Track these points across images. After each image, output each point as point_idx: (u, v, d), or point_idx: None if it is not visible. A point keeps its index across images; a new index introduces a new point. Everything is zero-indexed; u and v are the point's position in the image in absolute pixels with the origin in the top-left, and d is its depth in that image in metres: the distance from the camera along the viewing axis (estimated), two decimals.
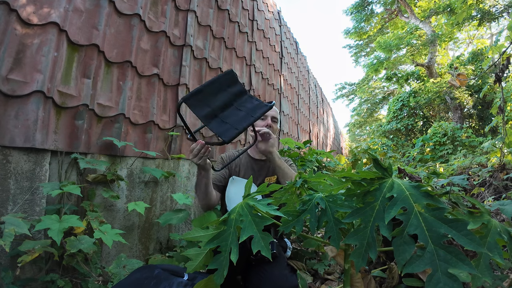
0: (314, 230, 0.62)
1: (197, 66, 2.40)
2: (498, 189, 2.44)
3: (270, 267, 1.11)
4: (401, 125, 11.44)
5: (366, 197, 0.61)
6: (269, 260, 1.10)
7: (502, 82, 2.46)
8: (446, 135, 8.11)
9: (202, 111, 0.92)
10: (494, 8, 9.48)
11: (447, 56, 14.83)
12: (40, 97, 1.19)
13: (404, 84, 13.72)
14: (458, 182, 1.54)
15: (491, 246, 0.57)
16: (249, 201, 0.69)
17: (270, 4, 4.50)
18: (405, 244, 0.49)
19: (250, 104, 1.03)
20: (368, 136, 20.97)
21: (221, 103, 0.97)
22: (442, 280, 0.44)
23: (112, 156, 1.58)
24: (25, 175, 1.16)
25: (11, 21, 1.17)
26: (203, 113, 0.92)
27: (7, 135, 1.11)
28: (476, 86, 9.60)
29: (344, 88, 19.37)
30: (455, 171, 3.77)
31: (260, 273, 1.09)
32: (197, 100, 0.92)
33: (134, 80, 1.74)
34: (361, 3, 13.51)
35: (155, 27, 1.94)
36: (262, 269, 1.10)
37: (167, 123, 2.00)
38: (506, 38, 2.48)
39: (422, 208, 0.52)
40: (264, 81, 3.95)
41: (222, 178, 1.43)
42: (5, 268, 1.03)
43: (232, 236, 0.64)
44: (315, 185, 0.80)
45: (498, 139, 2.75)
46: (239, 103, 1.01)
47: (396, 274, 1.26)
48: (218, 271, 0.63)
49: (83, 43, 1.44)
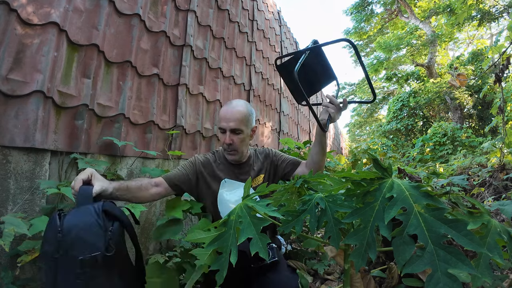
0: (314, 230, 0.62)
1: (197, 66, 2.40)
2: (498, 189, 2.44)
3: (271, 273, 1.09)
4: (401, 125, 11.44)
5: (366, 197, 0.61)
6: (270, 266, 1.10)
7: (502, 82, 2.46)
8: (446, 135, 8.11)
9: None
10: (494, 8, 9.48)
11: (447, 56, 14.84)
12: (40, 97, 1.19)
13: (404, 84, 13.73)
14: (458, 182, 1.54)
15: (491, 246, 0.57)
16: (248, 202, 0.69)
17: (270, 4, 4.50)
18: (404, 244, 0.49)
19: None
20: (368, 136, 20.98)
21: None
22: (442, 280, 0.44)
23: (112, 156, 1.58)
24: (25, 175, 1.16)
25: (11, 21, 1.16)
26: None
27: (7, 135, 1.11)
28: (476, 86, 9.60)
29: (344, 88, 19.40)
30: (455, 171, 3.77)
31: (262, 280, 1.08)
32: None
33: (134, 80, 1.74)
34: (361, 3, 13.51)
35: (155, 27, 1.94)
36: (264, 276, 1.09)
37: (167, 123, 2.00)
38: (506, 38, 2.48)
39: (422, 208, 0.51)
40: (264, 81, 3.95)
41: (186, 181, 1.26)
42: (5, 268, 1.03)
43: (232, 238, 0.64)
44: (315, 185, 0.80)
45: (498, 139, 2.75)
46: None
47: (396, 274, 1.26)
48: (219, 272, 0.63)
49: (83, 43, 1.44)
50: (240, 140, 1.26)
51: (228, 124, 1.24)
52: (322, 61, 1.25)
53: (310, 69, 1.19)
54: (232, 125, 1.24)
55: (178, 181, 1.24)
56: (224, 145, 1.27)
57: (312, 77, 1.24)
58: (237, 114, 1.24)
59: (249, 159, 1.37)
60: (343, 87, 19.33)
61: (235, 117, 1.24)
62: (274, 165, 1.39)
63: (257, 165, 1.38)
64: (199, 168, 1.31)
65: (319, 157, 1.26)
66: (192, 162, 1.32)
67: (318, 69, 1.26)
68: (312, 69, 1.21)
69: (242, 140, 1.27)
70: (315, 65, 1.21)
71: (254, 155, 1.41)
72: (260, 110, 3.77)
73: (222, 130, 1.26)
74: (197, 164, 1.32)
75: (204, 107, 2.46)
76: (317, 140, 1.26)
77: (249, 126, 1.30)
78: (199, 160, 1.33)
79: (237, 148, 1.27)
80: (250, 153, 1.38)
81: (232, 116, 1.24)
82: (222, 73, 2.78)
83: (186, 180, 1.26)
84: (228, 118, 1.24)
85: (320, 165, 1.27)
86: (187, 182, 1.26)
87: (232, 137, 1.25)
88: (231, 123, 1.23)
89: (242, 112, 1.26)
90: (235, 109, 1.26)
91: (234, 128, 1.24)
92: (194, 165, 1.31)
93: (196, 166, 1.31)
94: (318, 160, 1.26)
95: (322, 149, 1.26)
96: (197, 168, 1.31)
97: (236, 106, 1.27)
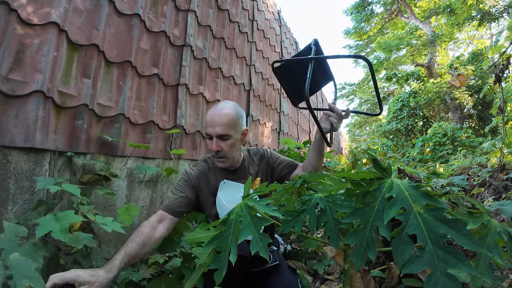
0: (314, 230, 0.62)
1: (197, 66, 2.40)
2: (498, 189, 2.44)
3: (273, 275, 1.08)
4: (401, 125, 11.44)
5: (365, 197, 0.61)
6: (271, 269, 1.09)
7: (502, 82, 2.46)
8: (446, 135, 8.12)
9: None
10: (494, 8, 9.49)
11: (447, 56, 14.84)
12: (40, 97, 1.19)
13: (404, 84, 13.73)
14: (458, 183, 1.54)
15: (490, 247, 0.57)
16: (248, 201, 0.69)
17: (270, 4, 4.50)
18: (404, 244, 0.49)
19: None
20: (368, 136, 20.99)
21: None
22: (441, 280, 0.44)
23: (112, 156, 1.58)
24: (25, 175, 1.16)
25: (11, 21, 1.16)
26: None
27: (7, 135, 1.11)
28: (476, 86, 9.60)
29: (344, 88, 19.41)
30: (455, 171, 3.77)
31: (263, 282, 1.08)
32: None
33: (134, 80, 1.75)
34: (361, 3, 13.52)
35: (155, 27, 1.94)
36: (265, 278, 1.08)
37: (167, 123, 2.00)
38: (506, 38, 2.48)
39: (422, 208, 0.52)
40: (264, 81, 3.95)
41: (187, 202, 1.19)
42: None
43: (232, 237, 0.64)
44: (314, 185, 0.80)
45: (498, 140, 2.75)
46: None
47: (396, 274, 1.26)
48: (218, 271, 0.63)
49: (83, 43, 1.44)
50: (229, 146, 1.17)
51: (215, 130, 1.14)
52: (321, 62, 1.23)
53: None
54: (219, 130, 1.14)
55: (180, 207, 1.16)
56: (212, 152, 1.19)
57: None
58: (224, 118, 1.14)
59: (244, 162, 1.30)
60: (343, 87, 19.33)
61: (221, 122, 1.14)
62: (271, 167, 1.35)
63: (253, 168, 1.32)
64: (195, 183, 1.24)
65: (318, 162, 1.24)
66: (186, 179, 1.24)
67: (317, 69, 1.24)
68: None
69: (231, 146, 1.17)
70: (314, 65, 1.21)
71: (248, 158, 1.35)
72: (260, 110, 3.77)
73: (209, 136, 1.17)
74: (192, 180, 1.24)
75: (204, 107, 2.46)
76: (317, 146, 1.22)
77: (239, 130, 1.20)
78: (192, 175, 1.25)
79: (226, 155, 1.18)
80: (243, 155, 1.32)
81: (219, 120, 1.14)
82: (222, 73, 2.78)
83: (187, 202, 1.19)
84: (214, 123, 1.15)
85: (318, 169, 1.26)
86: (189, 203, 1.20)
87: (220, 144, 1.15)
88: (218, 128, 1.14)
89: (230, 115, 1.16)
90: (222, 112, 1.16)
91: (221, 134, 1.14)
92: (189, 182, 1.24)
93: (191, 182, 1.24)
94: (317, 165, 1.25)
95: (321, 155, 1.24)
96: (193, 184, 1.24)
97: (222, 109, 1.17)
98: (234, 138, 1.18)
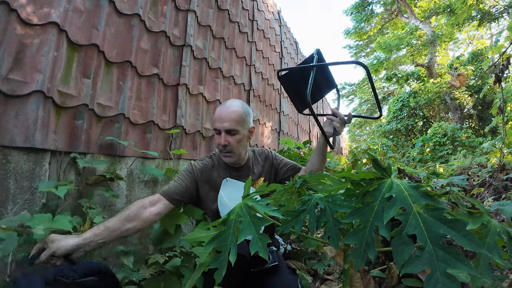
0: (314, 230, 0.62)
1: (197, 66, 2.40)
2: (497, 189, 2.44)
3: (272, 276, 1.08)
4: (401, 125, 11.45)
5: (365, 197, 0.61)
6: (271, 270, 1.09)
7: (502, 82, 2.46)
8: (446, 135, 8.12)
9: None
10: (494, 8, 9.49)
11: (447, 56, 14.85)
12: (40, 97, 1.19)
13: (404, 84, 13.74)
14: (457, 183, 1.54)
15: (490, 247, 0.57)
16: (248, 201, 0.69)
17: (270, 4, 4.50)
18: (403, 244, 0.49)
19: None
20: (368, 136, 20.99)
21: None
22: (441, 281, 0.44)
23: (112, 156, 1.58)
24: (25, 175, 1.16)
25: (11, 21, 1.16)
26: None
27: (7, 135, 1.11)
28: (476, 86, 9.61)
29: (344, 88, 19.41)
30: (454, 171, 3.77)
31: (262, 283, 1.07)
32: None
33: (134, 80, 1.75)
34: (361, 3, 13.53)
35: (155, 27, 1.94)
36: (264, 279, 1.08)
37: (167, 123, 2.00)
38: (506, 39, 2.48)
39: (421, 208, 0.51)
40: (264, 81, 3.95)
41: (186, 192, 1.20)
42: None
43: (231, 237, 0.64)
44: (314, 185, 0.80)
45: (498, 140, 2.75)
46: None
47: (395, 274, 1.26)
48: (217, 270, 0.63)
49: (83, 43, 1.44)
50: (236, 141, 1.21)
51: (223, 125, 1.19)
52: (323, 70, 1.25)
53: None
54: (227, 125, 1.18)
55: (177, 194, 1.17)
56: (220, 147, 1.22)
57: (313, 86, 1.25)
58: (232, 114, 1.19)
59: (248, 161, 1.33)
60: (343, 87, 19.34)
61: (230, 117, 1.19)
62: (275, 169, 1.37)
63: (257, 168, 1.34)
64: (198, 176, 1.26)
65: (321, 165, 1.28)
66: (190, 170, 1.26)
67: (320, 77, 1.25)
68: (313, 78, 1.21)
69: (238, 141, 1.21)
70: (317, 74, 1.21)
71: (253, 157, 1.37)
72: (260, 110, 3.77)
73: (217, 131, 1.21)
74: (195, 172, 1.26)
75: (204, 107, 2.46)
76: (320, 150, 1.26)
77: (246, 127, 1.24)
78: (196, 168, 1.27)
79: (233, 149, 1.21)
80: (248, 155, 1.34)
81: (227, 116, 1.19)
82: (222, 73, 2.78)
83: (186, 192, 1.20)
84: (222, 119, 1.19)
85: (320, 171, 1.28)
86: (187, 193, 1.21)
87: (228, 138, 1.20)
88: (226, 123, 1.18)
89: (238, 112, 1.21)
90: (230, 109, 1.21)
91: (229, 129, 1.19)
92: (192, 174, 1.25)
93: (194, 174, 1.25)
94: (319, 168, 1.27)
95: (324, 158, 1.29)
96: (196, 176, 1.25)
97: (231, 106, 1.22)
98: (242, 134, 1.22)
